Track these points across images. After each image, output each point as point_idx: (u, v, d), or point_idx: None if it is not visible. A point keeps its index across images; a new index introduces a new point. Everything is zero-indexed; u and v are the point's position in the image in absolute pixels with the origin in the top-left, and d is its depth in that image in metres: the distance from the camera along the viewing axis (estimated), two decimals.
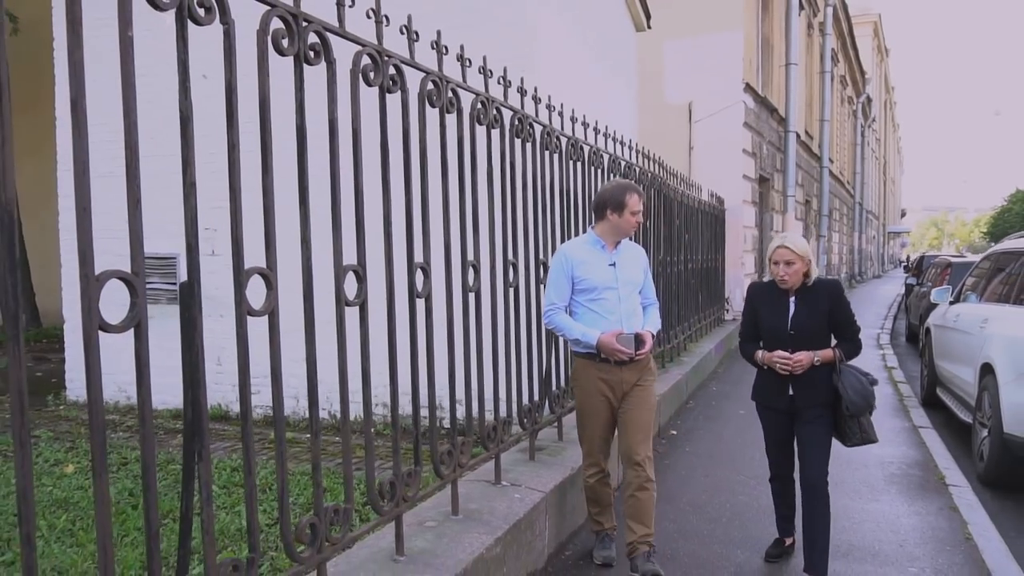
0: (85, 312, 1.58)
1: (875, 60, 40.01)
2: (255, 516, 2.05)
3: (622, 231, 3.52)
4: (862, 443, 3.42)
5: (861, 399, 3.31)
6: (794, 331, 3.41)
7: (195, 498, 1.92)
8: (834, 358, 3.38)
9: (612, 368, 3.42)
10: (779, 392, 3.46)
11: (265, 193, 2.09)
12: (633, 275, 3.56)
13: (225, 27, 1.94)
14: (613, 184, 3.66)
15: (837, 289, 3.55)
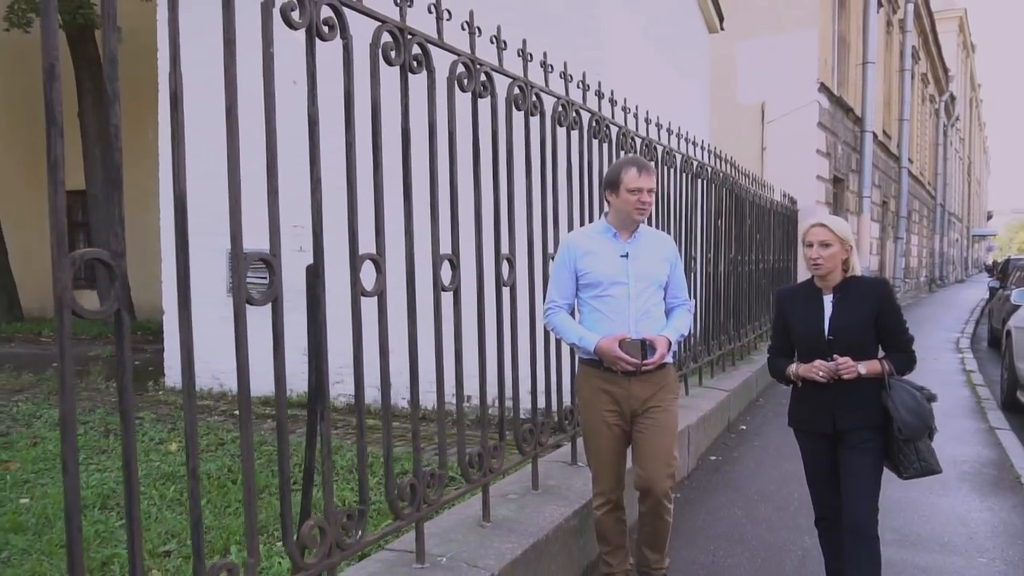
0: (236, 288, 1.87)
1: (960, 57, 38.61)
2: (364, 472, 2.32)
3: (625, 214, 2.98)
4: (921, 474, 2.81)
5: (917, 419, 2.75)
6: (833, 336, 2.85)
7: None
8: (882, 371, 2.81)
9: (617, 379, 2.93)
10: (820, 412, 2.89)
11: (376, 189, 2.36)
12: (651, 269, 3.01)
13: (345, 42, 2.21)
14: (618, 160, 3.29)
15: (885, 289, 2.96)
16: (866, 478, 2.82)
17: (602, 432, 2.97)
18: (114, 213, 1.60)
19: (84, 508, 4.59)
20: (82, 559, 1.55)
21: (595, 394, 2.98)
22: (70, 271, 1.49)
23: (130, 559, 1.65)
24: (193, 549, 1.78)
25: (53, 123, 1.47)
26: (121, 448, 1.66)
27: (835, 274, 2.89)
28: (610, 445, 2.98)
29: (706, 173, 6.31)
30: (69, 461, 1.51)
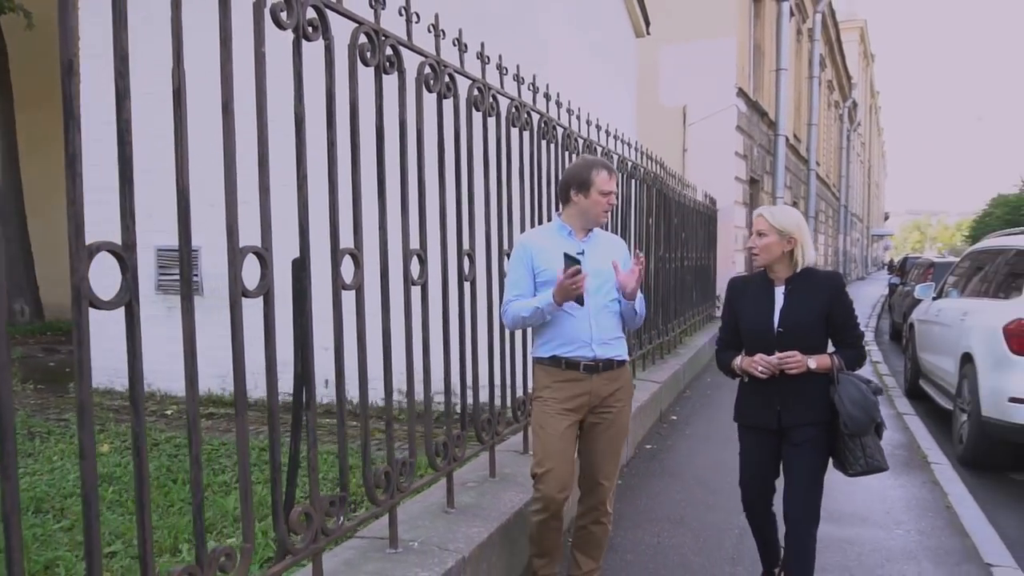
0: (232, 280, 1.92)
1: (861, 65, 40.66)
2: (345, 461, 2.39)
3: (591, 216, 2.98)
4: (867, 471, 2.77)
5: (862, 412, 2.69)
6: (783, 329, 2.79)
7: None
8: (832, 366, 2.76)
9: (581, 377, 2.90)
10: (765, 407, 2.85)
11: (355, 186, 2.43)
12: (606, 266, 2.94)
13: (327, 42, 2.28)
14: (578, 161, 3.19)
15: (838, 282, 2.91)
16: (810, 479, 2.80)
17: (563, 433, 2.87)
18: (125, 207, 1.63)
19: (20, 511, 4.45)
20: (100, 546, 1.59)
21: (555, 392, 2.90)
22: (87, 262, 1.53)
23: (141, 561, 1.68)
24: (195, 534, 1.83)
25: (71, 117, 1.51)
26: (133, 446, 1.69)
27: (783, 266, 2.84)
28: (561, 449, 2.87)
29: (639, 174, 6.55)
30: (87, 447, 1.55)
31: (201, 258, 7.51)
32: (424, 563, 2.55)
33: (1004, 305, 5.54)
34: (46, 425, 6.55)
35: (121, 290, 1.63)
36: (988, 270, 6.55)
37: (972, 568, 3.56)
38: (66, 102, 1.50)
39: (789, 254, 2.82)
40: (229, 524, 4.23)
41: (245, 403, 1.99)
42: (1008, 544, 3.89)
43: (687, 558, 3.62)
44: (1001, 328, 5.19)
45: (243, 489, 1.99)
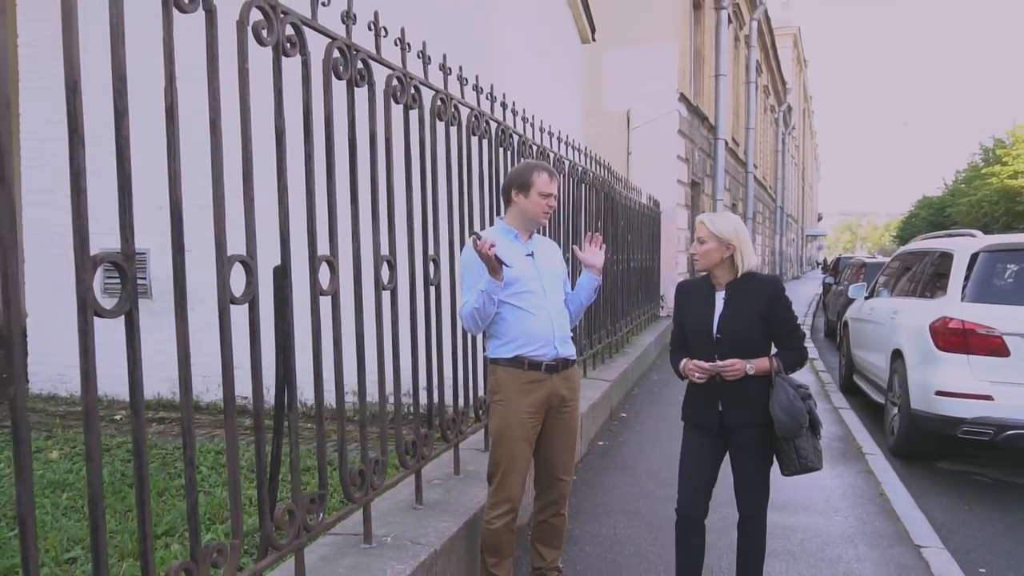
0: (220, 287, 2.00)
1: (795, 71, 41.92)
2: (324, 460, 2.49)
3: (531, 216, 3.05)
4: (800, 471, 2.85)
5: (788, 418, 2.76)
6: (720, 335, 2.87)
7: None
8: (771, 369, 2.83)
9: (543, 378, 2.96)
10: (707, 409, 2.93)
11: (330, 194, 2.53)
12: (554, 267, 3.12)
13: (304, 58, 2.38)
14: (519, 164, 3.24)
15: (776, 287, 2.96)
16: (757, 477, 2.91)
17: (520, 436, 2.92)
18: (125, 220, 1.71)
19: None
20: (106, 548, 1.66)
21: (517, 395, 2.93)
22: (92, 273, 1.61)
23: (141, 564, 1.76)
24: (190, 530, 1.91)
25: (76, 134, 1.58)
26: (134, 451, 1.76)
27: (723, 271, 2.91)
28: (525, 451, 2.95)
29: (588, 178, 6.74)
30: (94, 451, 1.63)
31: (149, 260, 7.43)
32: (399, 556, 2.66)
33: (930, 304, 5.89)
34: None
35: (121, 299, 1.70)
36: (915, 271, 6.94)
37: (903, 550, 3.82)
38: (71, 120, 1.57)
39: (730, 259, 2.90)
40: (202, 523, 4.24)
41: (234, 406, 2.07)
42: (935, 527, 4.18)
43: (642, 548, 3.79)
44: (927, 326, 5.53)
45: (233, 487, 2.07)
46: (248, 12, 2.12)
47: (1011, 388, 5.04)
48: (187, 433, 1.91)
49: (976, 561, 3.84)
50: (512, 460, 2.93)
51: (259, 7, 2.16)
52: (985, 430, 5.08)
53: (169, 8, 1.84)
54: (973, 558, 3.87)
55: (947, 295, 5.65)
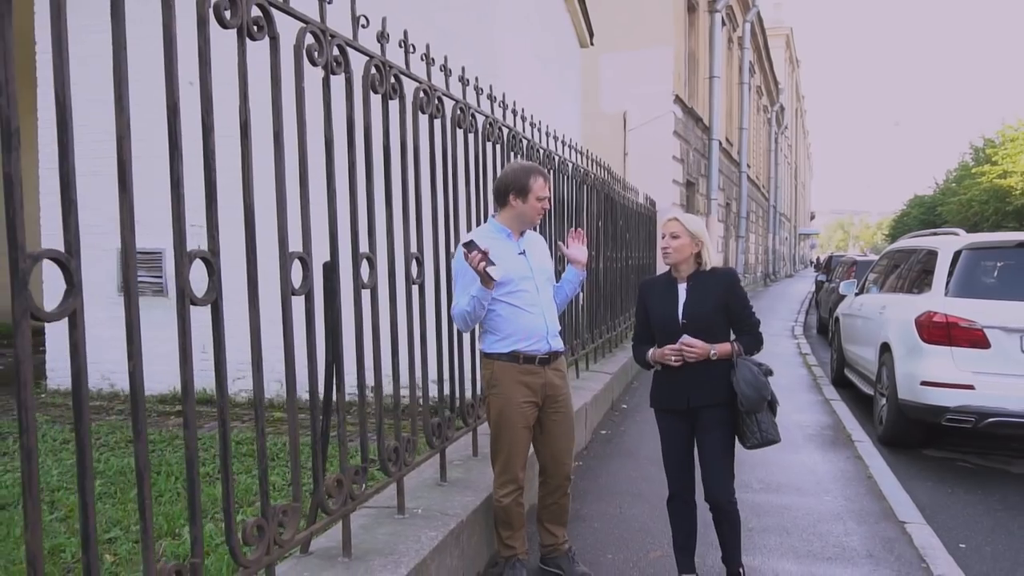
0: (283, 281, 2.27)
1: (787, 71, 42.30)
2: (366, 436, 2.76)
3: (527, 219, 3.22)
4: (761, 444, 3.06)
5: (754, 391, 2.98)
6: (686, 320, 3.08)
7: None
8: (732, 352, 3.07)
9: (537, 370, 3.18)
10: (676, 391, 3.14)
11: (369, 197, 2.80)
12: (545, 263, 3.32)
13: (347, 75, 2.64)
14: (515, 166, 3.30)
15: (732, 278, 3.23)
16: (721, 455, 3.10)
17: (519, 424, 3.15)
18: (211, 219, 1.98)
19: (9, 505, 4.65)
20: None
21: (514, 387, 3.14)
22: (189, 266, 1.88)
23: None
24: (261, 494, 2.18)
25: (176, 149, 1.85)
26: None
27: (687, 265, 3.13)
28: (525, 436, 3.19)
29: (590, 180, 7.03)
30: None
31: (165, 260, 7.67)
32: (430, 525, 2.94)
33: (916, 299, 6.19)
34: (14, 426, 6.64)
35: (209, 290, 1.97)
36: (903, 268, 7.24)
37: (889, 525, 4.12)
38: (171, 136, 1.85)
39: (696, 255, 3.13)
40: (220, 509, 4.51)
41: (295, 384, 2.34)
42: (919, 507, 4.48)
43: (647, 525, 4.08)
44: (913, 320, 5.83)
45: (293, 459, 2.34)
46: (303, 36, 2.39)
47: (992, 378, 5.34)
48: (258, 406, 2.18)
49: (957, 537, 4.13)
50: (512, 446, 3.16)
51: (312, 32, 2.43)
52: (967, 418, 5.37)
53: (243, 38, 2.11)
54: (954, 535, 4.16)
55: (932, 291, 5.95)
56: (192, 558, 1.93)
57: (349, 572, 2.50)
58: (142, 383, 1.81)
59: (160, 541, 4.10)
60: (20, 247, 1.47)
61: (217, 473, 5.25)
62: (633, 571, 3.54)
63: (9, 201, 1.45)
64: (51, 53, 1.55)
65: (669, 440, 3.28)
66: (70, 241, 1.58)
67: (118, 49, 1.70)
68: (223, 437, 2.04)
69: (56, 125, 1.56)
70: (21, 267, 1.47)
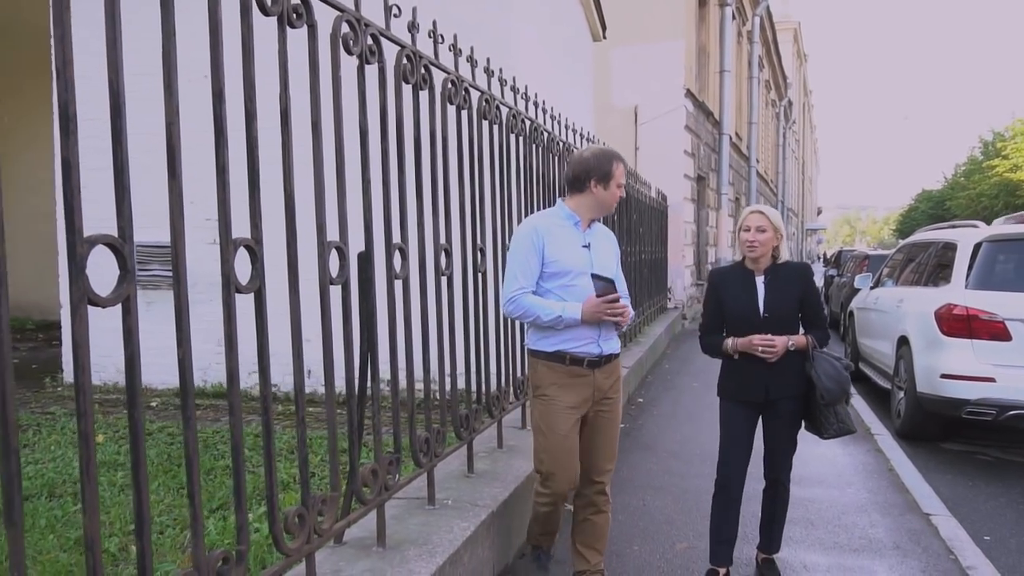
0: (321, 269, 2.27)
1: (795, 65, 42.15)
2: (399, 427, 2.76)
3: (606, 207, 3.01)
4: (839, 434, 3.18)
5: (836, 385, 3.08)
6: (768, 314, 3.12)
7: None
8: (807, 345, 3.14)
9: (585, 373, 2.90)
10: (754, 382, 3.14)
11: (401, 188, 2.80)
12: (608, 262, 3.02)
13: (380, 64, 2.64)
14: (595, 150, 3.08)
15: (809, 272, 3.30)
16: (790, 442, 3.25)
17: (565, 430, 2.88)
18: (254, 208, 1.98)
19: (29, 497, 4.67)
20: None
21: (558, 391, 2.88)
22: (234, 253, 1.88)
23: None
24: (301, 483, 2.18)
25: (221, 135, 1.85)
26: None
27: (766, 258, 3.17)
28: (571, 444, 2.90)
29: None
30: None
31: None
32: (461, 515, 2.94)
33: (934, 292, 6.16)
34: (33, 418, 6.67)
35: (252, 278, 1.97)
36: (920, 261, 7.22)
37: (914, 517, 4.11)
38: (216, 122, 1.84)
39: (774, 248, 3.19)
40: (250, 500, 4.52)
41: (333, 374, 2.34)
42: (943, 499, 4.46)
43: (671, 516, 4.08)
44: (933, 312, 5.80)
45: (332, 451, 2.34)
46: (339, 24, 2.38)
47: (1013, 370, 5.32)
48: (298, 395, 2.18)
49: (981, 530, 4.12)
50: (557, 459, 2.90)
51: (347, 20, 2.42)
52: (988, 411, 5.36)
53: (284, 26, 2.11)
54: (978, 527, 4.15)
55: (951, 283, 5.92)
56: (238, 545, 1.93)
57: (385, 561, 2.50)
58: (191, 372, 1.82)
59: (187, 531, 4.11)
60: (78, 232, 1.47)
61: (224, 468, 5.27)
62: (660, 562, 3.54)
63: (67, 184, 1.46)
64: (104, 42, 1.55)
65: (734, 430, 3.25)
66: (123, 227, 1.58)
67: (167, 37, 1.70)
68: (267, 426, 2.04)
69: (109, 112, 1.56)
70: (79, 251, 1.47)
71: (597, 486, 3.04)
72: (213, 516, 4.26)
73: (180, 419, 6.02)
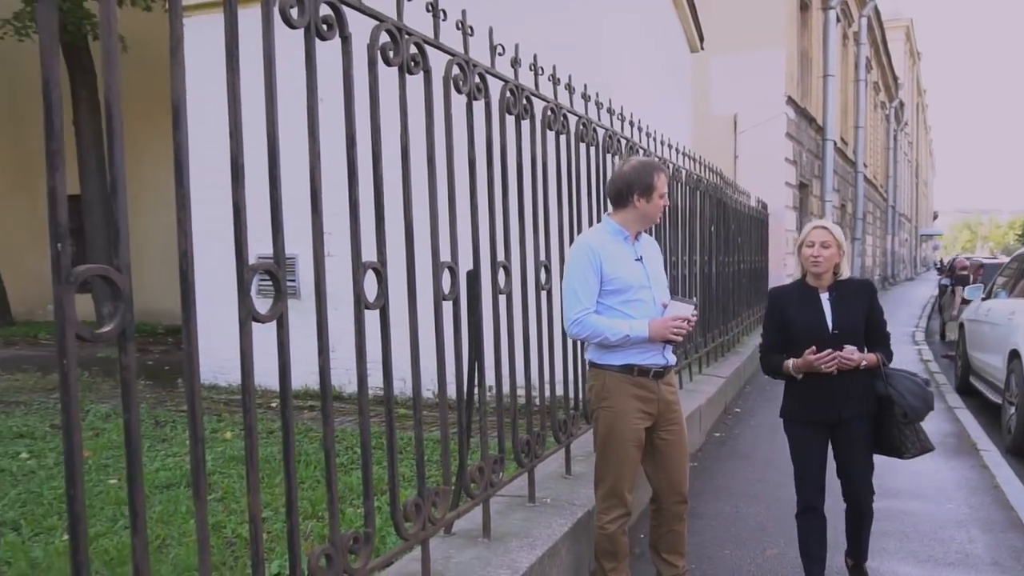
0: (436, 286, 2.55)
1: (907, 64, 40.41)
2: (503, 429, 3.02)
3: (650, 219, 3.04)
4: (921, 452, 3.12)
5: (921, 402, 3.03)
6: (838, 331, 3.06)
7: None
8: (878, 362, 3.09)
9: (651, 384, 2.94)
10: (823, 402, 3.09)
11: (505, 211, 3.06)
12: (660, 271, 3.13)
13: (487, 100, 2.91)
14: (635, 163, 3.04)
15: (872, 288, 3.28)
16: (867, 462, 3.16)
17: (631, 442, 2.91)
18: (380, 234, 2.27)
19: (169, 486, 5.19)
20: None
21: (626, 401, 2.91)
22: (363, 273, 2.17)
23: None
24: (418, 477, 2.46)
25: (353, 177, 2.15)
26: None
27: (828, 274, 3.14)
28: (636, 456, 2.95)
29: (703, 186, 7.11)
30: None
31: (298, 265, 8.26)
32: (559, 513, 3.17)
33: None
34: (169, 415, 7.33)
35: (378, 295, 2.26)
36: None
37: (1017, 535, 4.05)
38: (350, 165, 2.15)
39: (836, 264, 3.16)
40: (356, 497, 4.89)
41: (445, 379, 2.61)
42: None
43: (763, 523, 4.18)
44: None
45: (443, 449, 2.62)
46: (451, 67, 2.67)
47: None
48: (416, 399, 2.47)
49: None
50: (621, 465, 2.93)
51: (458, 63, 2.71)
52: None
53: (403, 73, 2.41)
54: None
55: None
56: (365, 528, 2.23)
57: (490, 551, 2.76)
58: (329, 376, 2.11)
59: (307, 522, 4.51)
60: (245, 261, 1.79)
61: (350, 464, 5.68)
62: (751, 567, 3.66)
63: (237, 222, 1.78)
64: (264, 100, 1.87)
65: (806, 452, 3.20)
66: (278, 255, 1.90)
67: (311, 92, 2.02)
68: (389, 425, 2.34)
69: (268, 159, 1.88)
70: (245, 277, 1.79)
71: (679, 497, 3.06)
72: (327, 512, 4.64)
73: (303, 419, 6.52)
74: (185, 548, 4.08)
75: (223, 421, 7.06)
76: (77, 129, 13.37)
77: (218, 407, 7.72)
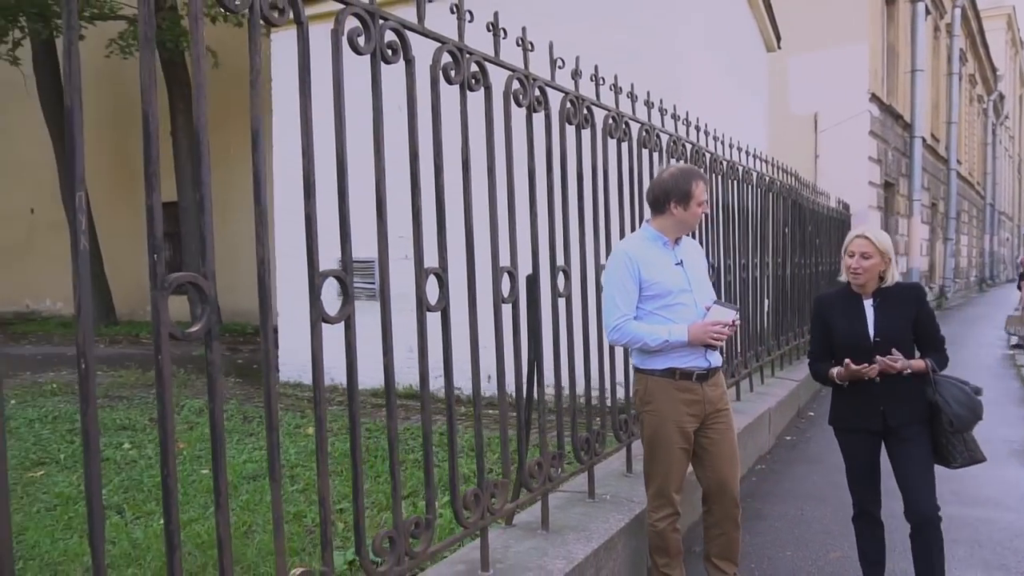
0: (495, 291, 2.70)
1: (1008, 54, 38.39)
2: (561, 427, 3.15)
3: (688, 226, 3.07)
4: (970, 463, 3.00)
5: (968, 411, 2.91)
6: (880, 339, 2.99)
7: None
8: (926, 369, 2.97)
9: (694, 387, 2.97)
10: (868, 410, 3.03)
11: (565, 218, 3.19)
12: (702, 274, 3.14)
13: (547, 111, 3.04)
14: (674, 171, 3.06)
15: (920, 292, 3.17)
16: (927, 470, 2.99)
17: (681, 443, 2.96)
18: (441, 241, 2.44)
19: (255, 478, 5.51)
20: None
21: (670, 404, 2.96)
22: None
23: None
24: (478, 471, 2.61)
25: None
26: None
27: (872, 283, 3.05)
28: (682, 457, 3.00)
29: (775, 187, 7.06)
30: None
31: (375, 269, 8.55)
32: (618, 509, 3.28)
33: None
34: (256, 411, 7.73)
35: (440, 298, 2.43)
36: None
37: None
38: (413, 177, 2.32)
39: (881, 274, 3.05)
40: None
41: (504, 384, 2.76)
42: None
43: (828, 527, 4.17)
44: None
45: (503, 443, 2.77)
46: (511, 83, 2.82)
47: None
48: (476, 397, 2.62)
49: None
50: (668, 467, 2.98)
51: (518, 78, 2.85)
52: None
53: (465, 91, 2.57)
54: None
55: None
56: (427, 514, 2.40)
57: (548, 542, 2.89)
58: (392, 374, 2.28)
59: (382, 514, 4.73)
60: (316, 267, 1.98)
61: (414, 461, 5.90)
62: (812, 568, 3.67)
63: (309, 232, 1.97)
64: (333, 121, 2.05)
65: (856, 459, 3.18)
66: (345, 262, 2.08)
67: (376, 112, 2.20)
68: (450, 420, 2.50)
69: (336, 174, 2.07)
70: (316, 282, 1.98)
71: (730, 497, 3.06)
72: (403, 502, 4.85)
73: (374, 416, 6.81)
74: (268, 535, 4.35)
75: (306, 417, 7.41)
76: (175, 140, 14.12)
77: (301, 404, 8.09)
